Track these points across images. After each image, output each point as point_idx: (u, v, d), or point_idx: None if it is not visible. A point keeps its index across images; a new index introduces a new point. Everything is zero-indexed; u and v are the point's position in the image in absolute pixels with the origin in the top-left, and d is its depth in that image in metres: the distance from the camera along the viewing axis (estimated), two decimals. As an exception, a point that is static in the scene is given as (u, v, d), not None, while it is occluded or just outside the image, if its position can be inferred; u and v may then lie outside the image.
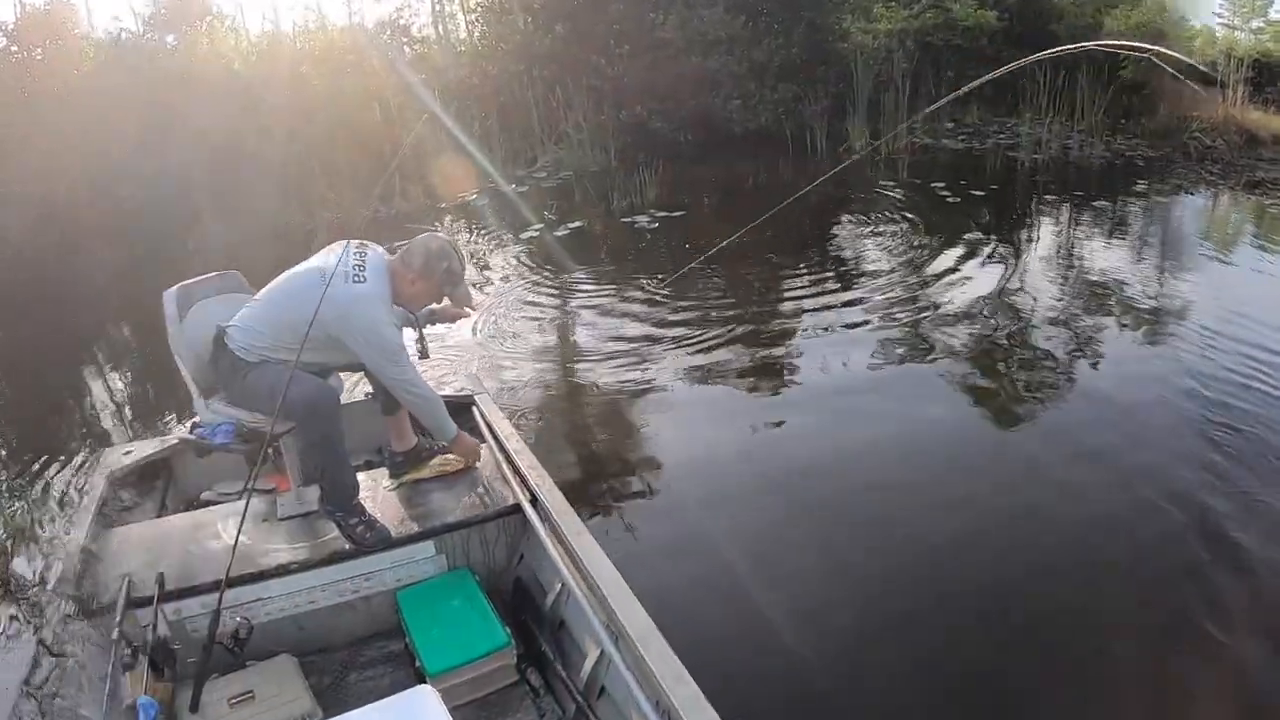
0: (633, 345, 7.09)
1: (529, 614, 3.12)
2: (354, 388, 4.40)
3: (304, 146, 16.46)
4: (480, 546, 3.32)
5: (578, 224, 11.57)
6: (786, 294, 8.40)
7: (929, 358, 6.58)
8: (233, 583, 2.74)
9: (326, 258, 3.20)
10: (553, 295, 8.73)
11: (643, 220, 11.42)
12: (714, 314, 7.77)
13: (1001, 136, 14.93)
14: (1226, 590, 3.74)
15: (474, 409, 4.03)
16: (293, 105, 16.60)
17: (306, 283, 3.09)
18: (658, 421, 5.74)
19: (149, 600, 2.71)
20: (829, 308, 7.82)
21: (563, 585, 2.90)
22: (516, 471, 3.40)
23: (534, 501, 3.21)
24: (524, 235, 11.37)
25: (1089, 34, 16.15)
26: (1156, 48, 3.88)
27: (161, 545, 3.08)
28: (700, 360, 6.74)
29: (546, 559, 2.98)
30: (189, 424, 3.38)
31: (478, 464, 3.56)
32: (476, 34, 17.39)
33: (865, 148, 13.99)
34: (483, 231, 12.40)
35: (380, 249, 3.31)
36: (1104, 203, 11.58)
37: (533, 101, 15.26)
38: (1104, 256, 9.19)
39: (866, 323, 7.36)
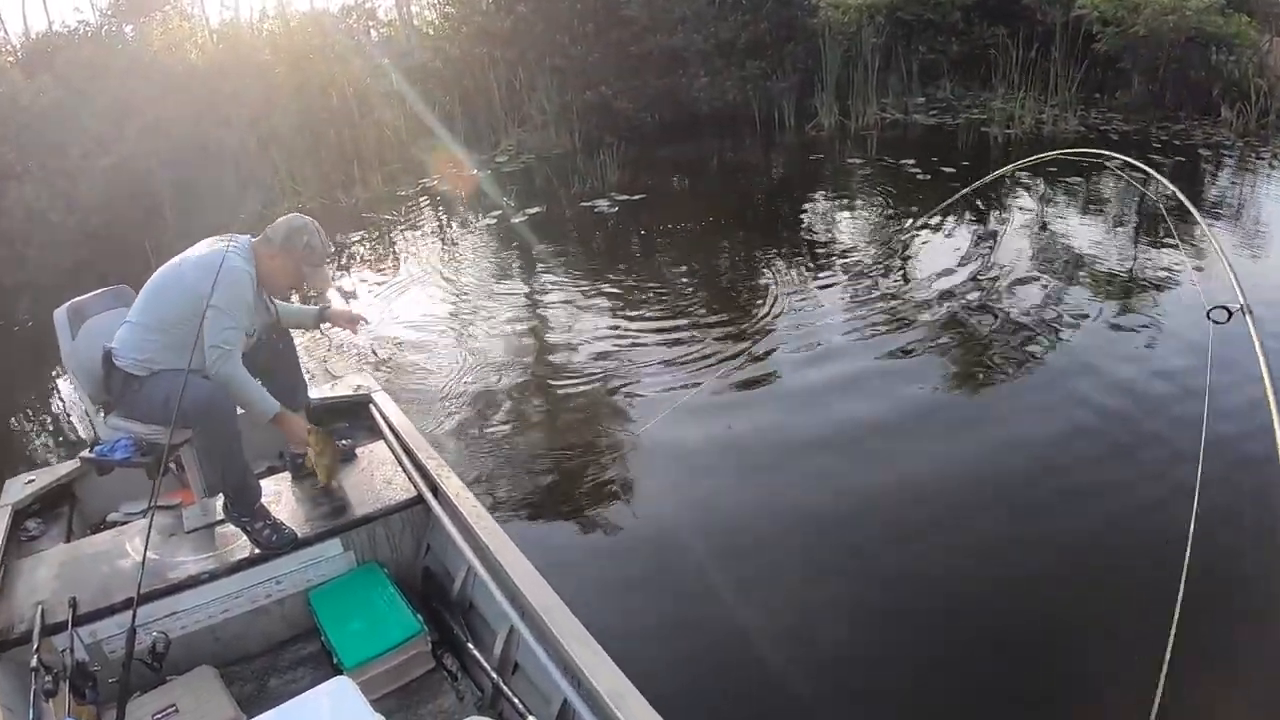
0: (583, 335, 6.84)
1: (439, 601, 3.18)
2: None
3: (265, 135, 15.92)
4: (386, 540, 3.34)
5: (537, 210, 10.87)
6: (746, 276, 8.05)
7: (893, 341, 6.26)
8: (146, 599, 2.71)
9: (194, 250, 3.20)
10: (504, 287, 8.30)
11: (603, 205, 10.78)
12: (673, 300, 7.39)
13: (974, 111, 14.22)
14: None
15: (371, 406, 3.98)
16: (253, 94, 16.02)
17: (178, 273, 3.11)
18: (602, 411, 5.60)
19: (64, 625, 2.65)
20: (791, 288, 7.48)
21: (468, 569, 2.96)
22: (416, 464, 3.41)
23: (435, 491, 3.24)
24: (482, 222, 10.87)
25: (1061, 5, 15.58)
26: None
27: (72, 570, 3.02)
28: (654, 349, 6.46)
29: (451, 545, 3.03)
30: (89, 444, 3.38)
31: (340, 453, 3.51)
32: (438, 16, 16.65)
33: (834, 124, 13.36)
34: (441, 219, 11.89)
35: (246, 237, 3.25)
36: (1077, 179, 10.91)
37: (495, 84, 14.57)
38: (1080, 234, 8.74)
39: (827, 302, 7.09)
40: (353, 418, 3.97)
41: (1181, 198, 4.84)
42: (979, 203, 9.59)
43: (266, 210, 13.32)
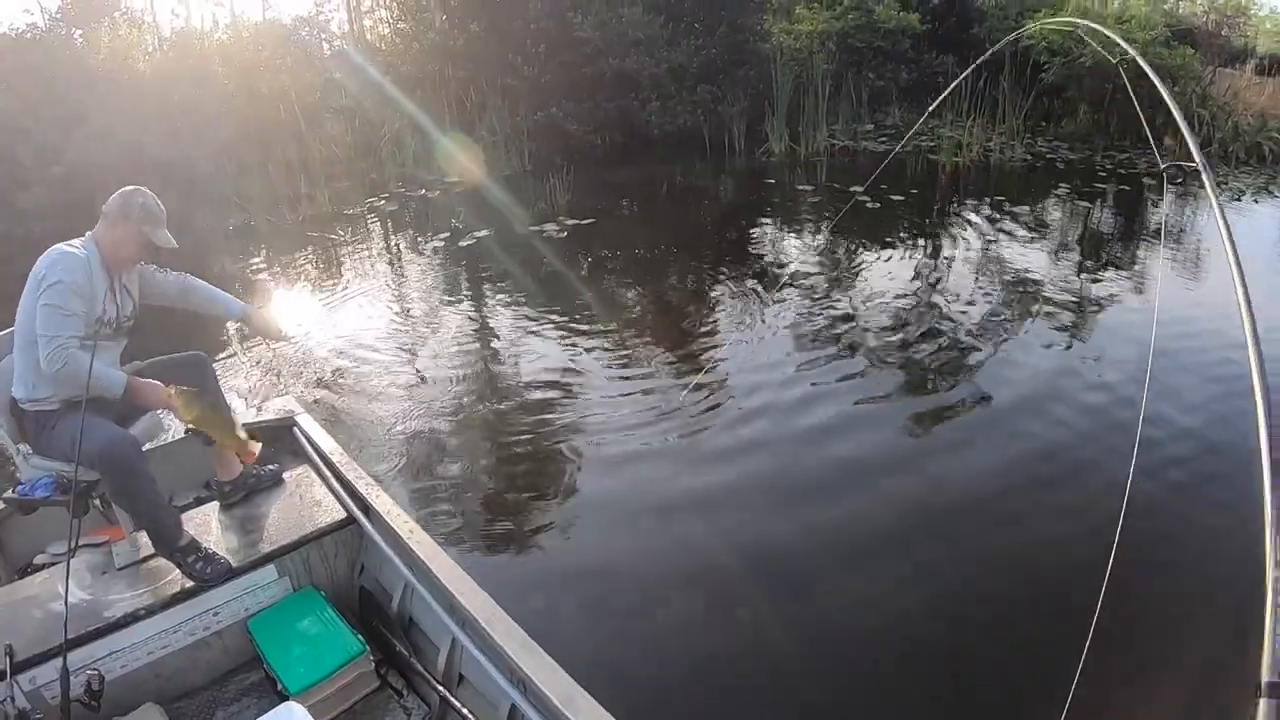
0: (528, 360, 6.68)
1: (379, 620, 3.13)
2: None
3: (212, 148, 15.51)
4: (321, 563, 3.27)
5: (486, 232, 10.52)
6: (694, 302, 7.87)
7: (839, 368, 6.23)
8: (83, 640, 2.67)
9: None
10: (450, 310, 8.02)
11: (551, 229, 10.45)
12: (619, 326, 7.22)
13: (923, 138, 14.16)
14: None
15: (294, 429, 3.89)
16: (202, 105, 15.59)
17: (27, 289, 2.93)
18: (543, 434, 5.43)
19: (1, 675, 2.51)
20: (738, 315, 7.36)
21: (406, 585, 2.97)
22: (345, 485, 3.36)
23: (366, 511, 3.20)
24: (430, 244, 10.55)
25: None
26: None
27: (3, 616, 2.86)
28: (599, 375, 6.28)
29: (386, 564, 3.03)
30: (11, 485, 3.24)
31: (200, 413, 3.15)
32: (391, 32, 16.31)
33: (784, 150, 13.23)
34: (388, 239, 11.56)
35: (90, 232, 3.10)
36: (1023, 207, 10.90)
37: (446, 102, 14.27)
38: (1026, 261, 8.68)
39: (775, 330, 7.00)
40: (277, 442, 3.84)
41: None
42: (927, 229, 9.55)
43: (215, 224, 12.99)
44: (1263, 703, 1.57)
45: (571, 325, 7.26)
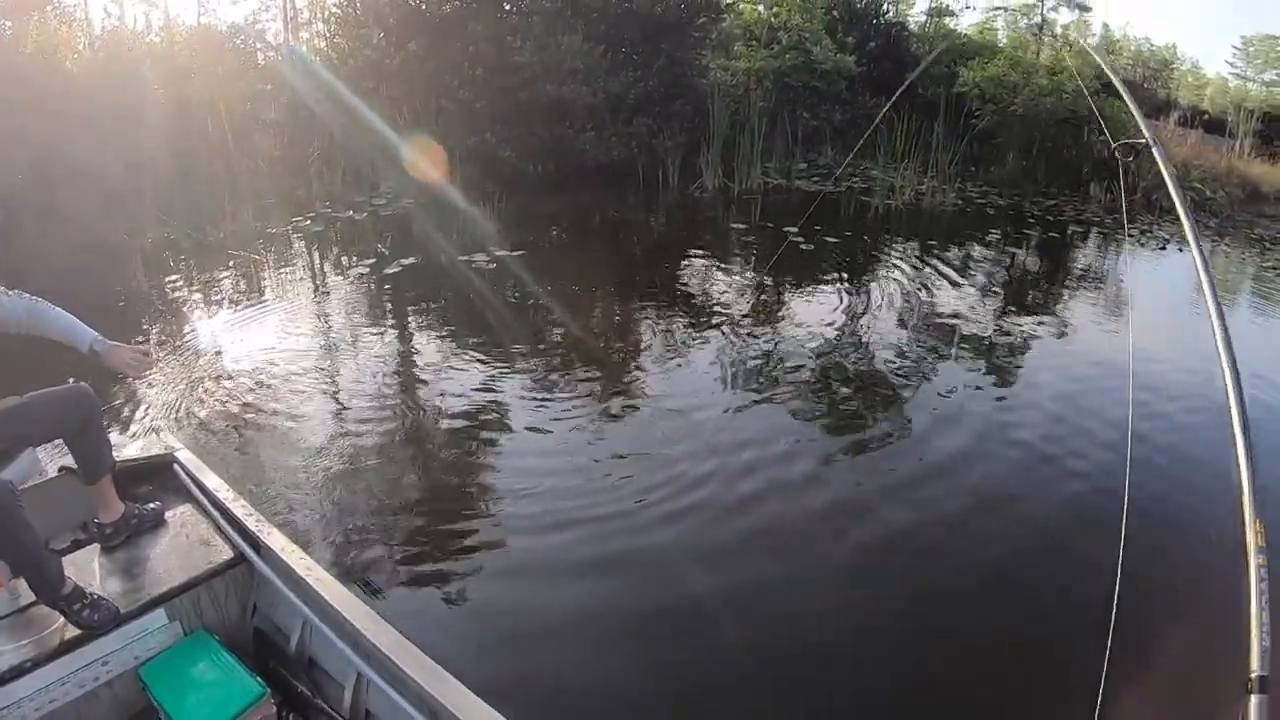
0: (448, 394, 6.35)
1: (277, 661, 2.97)
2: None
3: (134, 156, 14.87)
4: (212, 605, 3.09)
5: (412, 260, 10.06)
6: (622, 337, 7.70)
7: (764, 402, 6.13)
8: None
9: None
10: (370, 339, 7.63)
11: (481, 259, 10.01)
12: (544, 361, 6.96)
13: (855, 179, 14.06)
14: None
15: (175, 467, 3.58)
16: (127, 111, 14.94)
17: None
18: (458, 469, 5.31)
19: None
20: (665, 352, 7.19)
21: (304, 623, 2.83)
22: (234, 522, 3.18)
23: (258, 549, 3.04)
24: (354, 269, 10.07)
25: (944, 83, 15.66)
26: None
27: None
28: (520, 411, 6.01)
29: (281, 602, 2.90)
30: None
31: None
32: (327, 46, 15.76)
33: (718, 186, 13.00)
34: (311, 261, 11.02)
35: None
36: (954, 250, 10.81)
37: (377, 122, 13.80)
38: (954, 303, 8.69)
39: (700, 366, 6.85)
40: (156, 480, 3.58)
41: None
42: (859, 270, 9.44)
43: (131, 239, 12.40)
44: (1253, 699, 1.57)
45: (494, 359, 6.94)
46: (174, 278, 10.68)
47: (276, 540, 3.02)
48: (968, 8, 23.46)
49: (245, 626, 3.17)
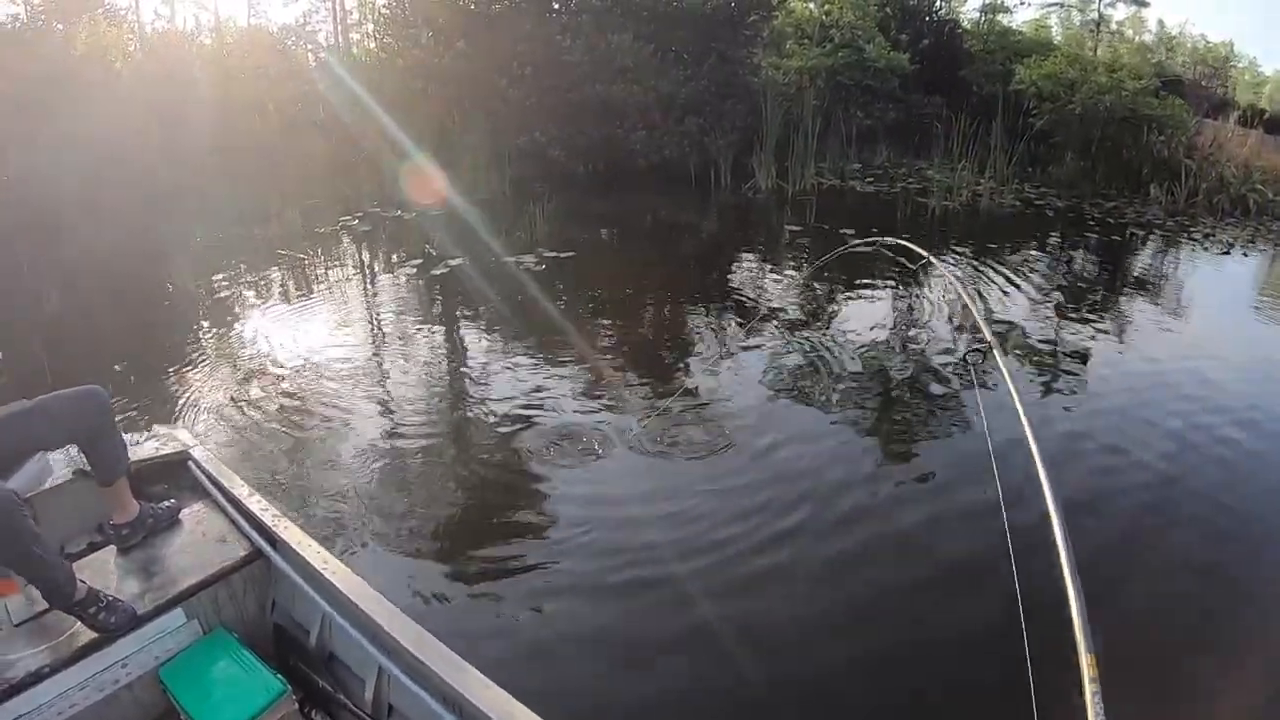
0: (492, 396, 6.09)
1: (298, 657, 2.95)
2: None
3: (183, 156, 14.88)
4: (230, 602, 3.04)
5: (460, 260, 9.75)
6: (672, 342, 7.32)
7: (814, 412, 5.77)
8: None
9: None
10: (414, 340, 7.44)
11: (529, 260, 9.70)
12: (592, 364, 6.58)
13: (910, 181, 13.63)
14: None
15: (190, 464, 3.57)
16: (176, 111, 14.96)
17: None
18: (498, 469, 5.03)
19: None
20: (716, 359, 6.79)
21: (323, 617, 2.79)
22: (249, 518, 3.14)
23: (274, 544, 3.01)
24: (401, 269, 9.87)
25: (999, 80, 15.21)
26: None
27: None
28: (566, 413, 5.70)
29: (300, 597, 2.88)
30: None
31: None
32: (377, 47, 15.63)
33: (771, 186, 12.65)
34: (358, 262, 10.84)
35: None
36: (1015, 254, 10.40)
37: (428, 122, 13.61)
38: (1014, 309, 8.18)
39: (751, 371, 6.46)
40: (170, 478, 3.57)
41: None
42: (915, 274, 8.99)
43: (180, 237, 12.32)
44: None
45: (541, 363, 6.68)
46: (220, 276, 10.53)
47: (294, 535, 3.01)
48: (1022, 3, 22.99)
49: (264, 623, 3.15)
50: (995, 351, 3.81)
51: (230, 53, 15.82)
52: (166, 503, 3.30)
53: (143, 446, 3.72)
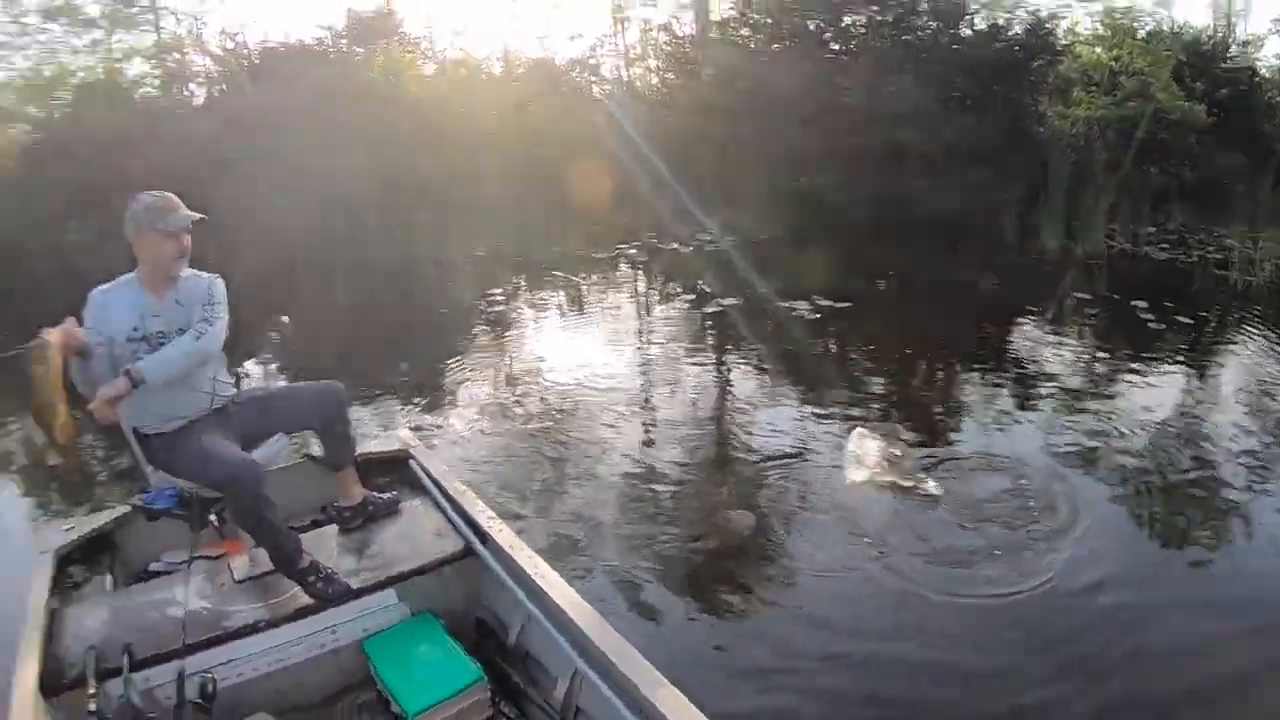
0: (751, 435, 6.08)
1: (495, 651, 3.07)
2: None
3: (471, 174, 15.73)
4: (439, 590, 3.24)
5: (733, 301, 9.74)
6: (943, 404, 7.09)
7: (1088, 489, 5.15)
8: (200, 646, 2.71)
9: None
10: (676, 375, 7.55)
11: (802, 307, 9.42)
12: (857, 417, 6.32)
13: (1209, 249, 12.68)
14: None
15: (410, 462, 3.87)
16: (467, 133, 15.84)
17: None
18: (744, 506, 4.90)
19: (118, 671, 2.58)
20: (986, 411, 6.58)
21: (526, 617, 2.89)
22: (464, 516, 3.34)
23: (485, 542, 3.17)
24: (673, 304, 10.22)
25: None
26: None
27: (122, 617, 2.92)
28: (824, 465, 5.50)
29: (505, 594, 2.99)
30: (136, 493, 3.26)
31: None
32: (659, 82, 16.02)
33: (1058, 247, 12.08)
34: (632, 291, 11.41)
35: None
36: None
37: (707, 158, 13.85)
38: None
39: (1024, 435, 6.05)
40: (393, 473, 3.87)
41: None
42: (1206, 351, 8.45)
43: (464, 250, 13.04)
44: None
45: (807, 415, 6.48)
46: (497, 290, 11.08)
47: (505, 536, 3.14)
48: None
49: (468, 614, 3.28)
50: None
51: (518, 81, 16.63)
52: (388, 494, 3.55)
53: (371, 440, 4.05)
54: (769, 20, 15.24)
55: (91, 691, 2.49)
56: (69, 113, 21.05)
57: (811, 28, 15.10)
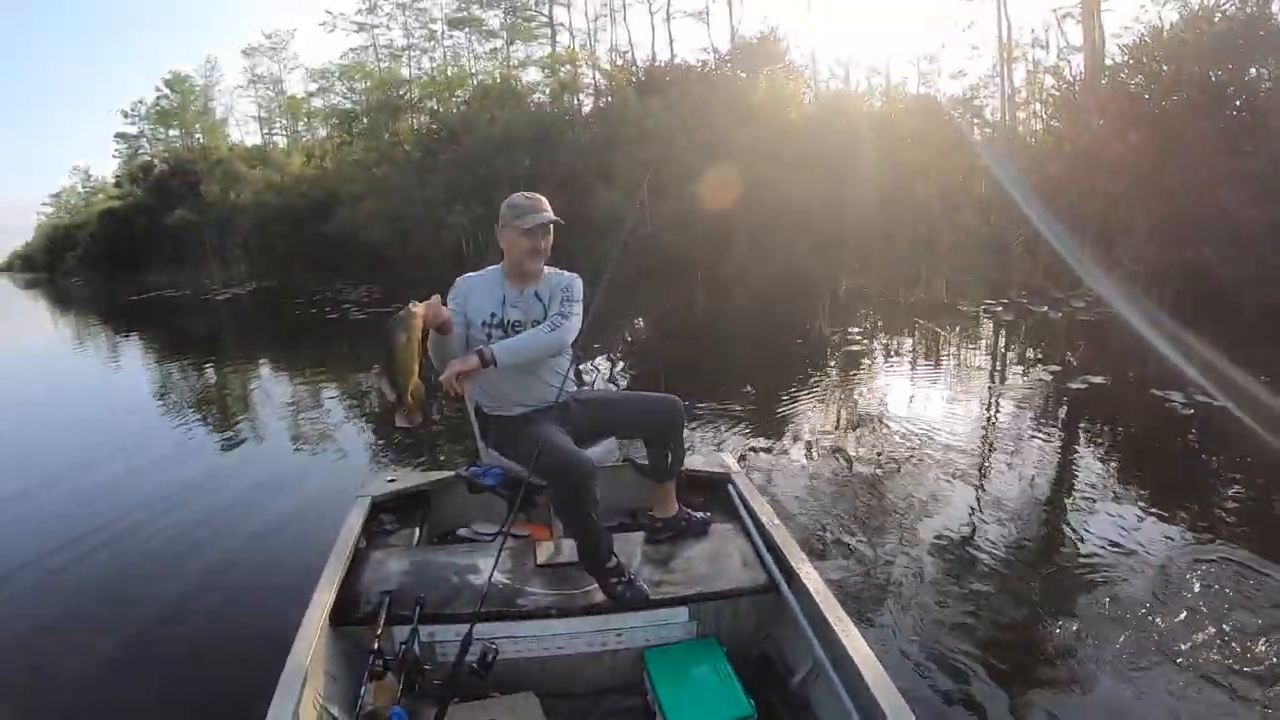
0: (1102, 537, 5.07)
1: (773, 691, 2.97)
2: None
3: (842, 207, 16.19)
4: (732, 618, 3.18)
5: (1100, 380, 8.85)
6: None
7: None
8: (490, 616, 2.82)
9: None
10: (1021, 444, 6.93)
11: (1177, 399, 8.00)
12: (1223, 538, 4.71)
13: None
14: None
15: (729, 486, 3.89)
16: (844, 164, 16.34)
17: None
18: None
19: (408, 619, 2.78)
20: None
21: (814, 665, 2.76)
22: (772, 549, 3.29)
23: (790, 580, 3.08)
24: (1034, 372, 9.46)
25: None
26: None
27: (422, 571, 3.17)
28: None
29: (798, 638, 2.88)
30: (465, 464, 3.51)
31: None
32: (1043, 129, 15.84)
33: None
34: (992, 351, 10.93)
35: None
36: None
37: (1088, 216, 13.67)
38: None
39: None
40: (709, 493, 3.90)
41: None
42: None
43: (825, 284, 13.58)
44: None
45: (1161, 521, 5.28)
46: (855, 329, 11.17)
47: (811, 579, 3.00)
48: None
49: (754, 648, 3.19)
50: None
51: (898, 117, 16.94)
52: (701, 514, 3.54)
53: (693, 458, 4.02)
54: (1165, 68, 14.55)
55: (379, 632, 2.69)
56: (465, 110, 23.62)
57: (1213, 79, 14.23)
